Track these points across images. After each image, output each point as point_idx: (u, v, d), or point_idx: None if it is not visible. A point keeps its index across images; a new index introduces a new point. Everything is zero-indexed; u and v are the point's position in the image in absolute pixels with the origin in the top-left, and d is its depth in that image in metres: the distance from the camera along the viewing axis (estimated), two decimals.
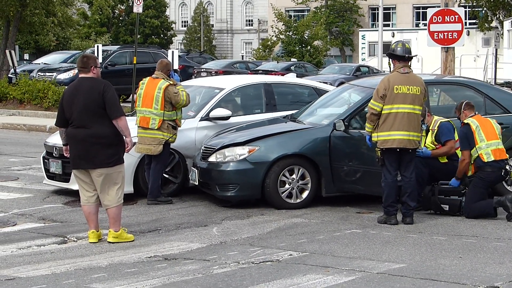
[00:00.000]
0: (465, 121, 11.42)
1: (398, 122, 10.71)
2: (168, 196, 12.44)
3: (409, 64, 10.99)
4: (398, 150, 10.75)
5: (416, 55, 11.41)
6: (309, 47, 58.24)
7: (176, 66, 27.45)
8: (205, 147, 12.43)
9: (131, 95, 26.55)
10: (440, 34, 17.80)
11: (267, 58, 64.17)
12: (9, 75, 32.66)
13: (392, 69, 11.40)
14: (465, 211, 11.22)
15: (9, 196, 12.88)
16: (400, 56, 10.92)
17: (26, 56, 57.85)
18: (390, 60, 11.12)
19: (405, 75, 10.86)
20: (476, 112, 11.62)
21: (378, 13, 51.08)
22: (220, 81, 15.24)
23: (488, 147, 11.24)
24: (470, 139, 11.25)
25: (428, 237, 10.04)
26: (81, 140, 9.52)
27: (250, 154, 11.81)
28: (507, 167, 11.35)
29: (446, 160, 11.69)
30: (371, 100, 10.92)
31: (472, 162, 11.32)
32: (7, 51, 32.25)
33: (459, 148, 11.52)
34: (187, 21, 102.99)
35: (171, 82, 12.26)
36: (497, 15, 46.88)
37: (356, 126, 11.98)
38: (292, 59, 52.91)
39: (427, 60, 46.76)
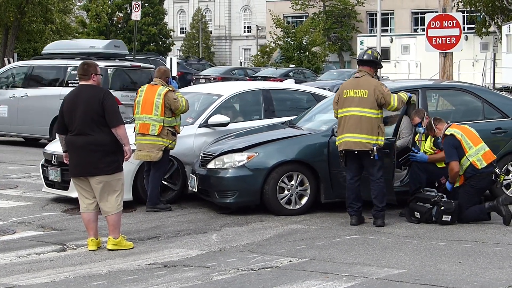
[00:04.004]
0: (447, 133, 11.33)
1: (347, 125, 11.01)
2: (167, 203, 12.43)
3: (374, 70, 11.21)
4: (343, 152, 11.03)
5: (380, 63, 11.39)
6: (307, 53, 58.34)
7: (174, 73, 27.48)
8: (203, 153, 12.42)
9: None
10: (438, 39, 17.79)
11: (266, 64, 64.26)
12: None
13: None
14: (458, 219, 11.17)
15: (8, 204, 12.87)
16: (359, 60, 11.30)
17: None
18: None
19: (356, 79, 11.19)
20: (449, 122, 11.58)
21: (376, 18, 51.10)
22: (218, 87, 15.25)
23: (478, 152, 11.21)
24: (459, 149, 11.18)
25: (427, 243, 10.03)
26: (81, 147, 9.52)
27: (249, 161, 11.80)
28: (497, 170, 11.34)
29: (444, 165, 11.57)
30: None
31: (461, 173, 11.27)
32: (5, 59, 32.31)
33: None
34: (185, 28, 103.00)
35: (170, 88, 12.27)
36: (495, 20, 46.98)
37: None
38: (291, 65, 52.99)
39: (425, 65, 46.86)
